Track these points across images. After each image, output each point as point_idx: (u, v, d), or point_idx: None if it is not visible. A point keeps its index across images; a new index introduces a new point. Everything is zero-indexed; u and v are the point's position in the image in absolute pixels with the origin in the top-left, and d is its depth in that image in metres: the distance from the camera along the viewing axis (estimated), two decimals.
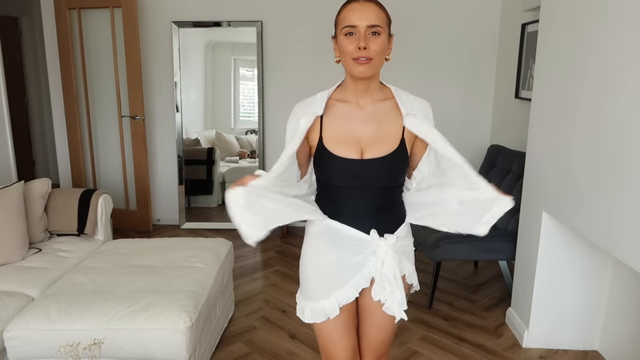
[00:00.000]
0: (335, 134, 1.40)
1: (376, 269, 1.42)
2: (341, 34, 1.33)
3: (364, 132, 1.39)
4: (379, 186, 1.42)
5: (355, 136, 1.39)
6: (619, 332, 2.39)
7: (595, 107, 1.97)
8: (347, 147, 1.38)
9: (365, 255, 1.43)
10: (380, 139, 1.39)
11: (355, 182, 1.41)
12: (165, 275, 2.30)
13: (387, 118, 1.41)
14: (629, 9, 1.74)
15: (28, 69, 5.67)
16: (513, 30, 3.64)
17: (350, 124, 1.40)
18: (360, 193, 1.42)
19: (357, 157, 1.38)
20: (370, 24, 1.30)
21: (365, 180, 1.40)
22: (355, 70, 1.33)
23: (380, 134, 1.39)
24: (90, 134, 4.28)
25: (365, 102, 1.41)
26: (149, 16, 4.18)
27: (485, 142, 4.13)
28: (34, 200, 2.73)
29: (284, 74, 4.22)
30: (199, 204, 4.71)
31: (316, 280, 1.49)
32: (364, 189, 1.42)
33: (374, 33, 1.31)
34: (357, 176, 1.40)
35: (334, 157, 1.39)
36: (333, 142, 1.39)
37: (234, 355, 2.49)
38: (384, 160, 1.38)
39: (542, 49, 2.46)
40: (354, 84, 1.39)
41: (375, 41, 1.31)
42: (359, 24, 1.30)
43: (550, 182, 2.35)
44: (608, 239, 1.88)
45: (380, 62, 1.35)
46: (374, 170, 1.39)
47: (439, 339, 2.66)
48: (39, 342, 1.96)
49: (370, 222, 1.43)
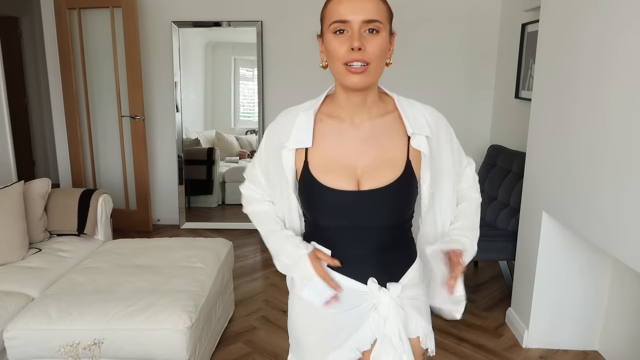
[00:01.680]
0: (324, 159, 1.10)
1: (377, 328, 1.13)
2: (329, 31, 1.03)
3: (361, 157, 1.09)
4: (381, 225, 1.13)
5: (350, 163, 1.09)
6: (619, 332, 2.39)
7: (595, 107, 1.97)
8: (339, 176, 1.09)
9: (364, 310, 1.14)
10: (382, 165, 1.09)
11: (350, 221, 1.11)
12: (165, 275, 2.30)
13: (389, 137, 1.11)
14: (629, 9, 1.74)
15: (28, 69, 5.67)
16: (513, 30, 3.64)
17: (343, 147, 1.10)
18: (357, 234, 1.12)
19: (352, 188, 1.08)
20: (367, 19, 1.00)
21: (363, 218, 1.10)
22: (347, 80, 1.03)
23: (381, 159, 1.09)
24: (90, 134, 4.28)
25: (361, 119, 1.11)
26: (149, 16, 4.18)
27: (485, 142, 4.13)
28: (34, 200, 2.73)
29: (284, 74, 4.22)
30: (199, 204, 4.71)
31: (307, 341, 1.23)
32: (363, 229, 1.12)
33: (371, 30, 1.01)
34: (352, 213, 1.10)
35: (322, 189, 1.09)
36: (321, 170, 1.09)
37: (234, 355, 2.49)
38: (387, 190, 1.08)
39: (542, 49, 2.46)
40: (346, 97, 1.09)
41: (374, 41, 1.01)
42: (352, 19, 1.00)
43: (550, 182, 2.35)
44: (608, 239, 1.88)
45: (379, 69, 1.05)
46: (374, 204, 1.09)
47: (439, 339, 2.66)
48: (39, 342, 1.96)
49: (370, 268, 1.14)
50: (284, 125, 1.15)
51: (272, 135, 1.19)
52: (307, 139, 1.10)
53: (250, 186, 1.30)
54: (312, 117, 1.12)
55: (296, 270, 1.16)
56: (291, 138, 1.11)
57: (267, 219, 1.26)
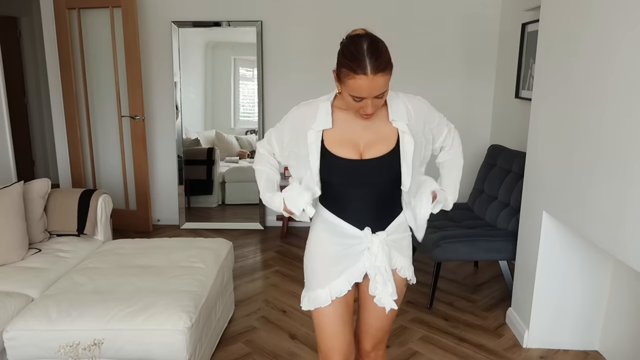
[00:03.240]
0: (336, 137, 1.48)
1: (370, 264, 1.52)
2: (346, 91, 1.37)
3: (363, 137, 1.48)
4: (376, 183, 1.51)
5: (355, 140, 1.48)
6: (619, 332, 2.39)
7: (595, 107, 1.97)
8: (347, 149, 1.47)
9: (360, 250, 1.54)
10: (378, 141, 1.48)
11: (354, 180, 1.49)
12: (165, 276, 2.30)
13: (384, 122, 1.49)
14: (629, 9, 1.74)
15: (28, 69, 5.67)
16: (513, 30, 3.64)
17: (350, 129, 1.48)
18: (359, 190, 1.51)
19: (356, 157, 1.47)
20: (377, 94, 1.34)
21: (363, 177, 1.49)
22: (358, 117, 1.44)
23: (378, 137, 1.48)
24: (90, 134, 4.27)
25: None
26: (148, 16, 4.17)
27: (485, 142, 4.13)
28: (34, 201, 2.73)
29: (284, 74, 4.21)
30: (199, 204, 4.71)
31: (315, 269, 1.59)
32: (363, 187, 1.51)
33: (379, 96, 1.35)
34: (356, 175, 1.49)
35: (334, 158, 1.47)
36: (334, 144, 1.48)
37: (234, 355, 2.48)
38: (381, 159, 1.47)
39: (542, 49, 2.46)
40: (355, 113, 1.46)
41: (380, 100, 1.37)
42: (367, 95, 1.33)
43: (550, 182, 2.35)
44: (608, 238, 1.88)
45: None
46: (371, 168, 1.47)
47: (440, 339, 2.66)
48: (39, 342, 1.95)
49: (367, 219, 1.53)
50: (308, 113, 1.50)
51: (297, 119, 1.53)
52: (328, 122, 1.48)
53: (266, 146, 1.64)
54: (329, 107, 1.49)
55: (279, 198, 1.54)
56: (317, 122, 1.47)
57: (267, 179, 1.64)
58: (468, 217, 3.32)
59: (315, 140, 1.48)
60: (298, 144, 1.52)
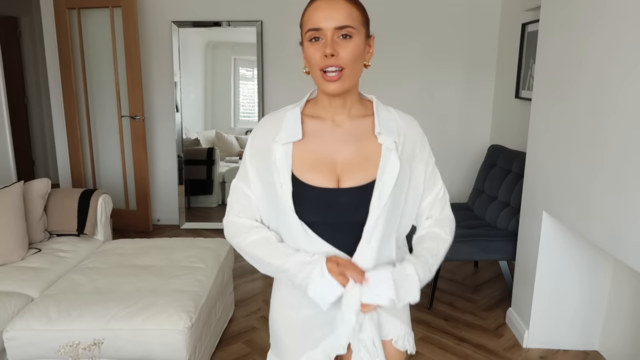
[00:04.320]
0: (306, 155, 1.13)
1: (352, 334, 1.12)
2: (305, 39, 1.08)
3: (341, 154, 1.13)
4: (361, 221, 1.11)
5: (330, 160, 1.13)
6: (619, 332, 2.39)
7: (595, 107, 1.97)
8: (319, 174, 1.11)
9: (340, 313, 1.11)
10: (361, 164, 1.12)
11: (329, 218, 1.12)
12: (165, 276, 2.30)
13: (368, 138, 1.15)
14: (629, 9, 1.74)
15: (28, 69, 5.67)
16: (513, 30, 3.64)
17: (324, 145, 1.14)
18: (336, 232, 1.12)
19: (332, 185, 1.11)
20: (339, 25, 1.05)
21: (342, 215, 1.11)
22: (324, 87, 1.09)
23: (360, 158, 1.13)
24: (90, 134, 4.27)
25: (342, 118, 1.16)
26: (148, 16, 4.17)
27: (485, 142, 4.13)
28: (34, 201, 2.73)
29: (284, 74, 4.21)
30: (199, 204, 4.70)
31: (284, 338, 1.23)
32: (341, 227, 1.12)
33: (344, 36, 1.06)
34: (331, 210, 1.11)
35: (303, 186, 1.11)
36: (302, 167, 1.12)
37: (234, 355, 2.49)
38: (365, 189, 1.10)
39: (542, 49, 2.46)
40: (328, 99, 1.14)
41: (347, 46, 1.05)
42: (325, 26, 1.05)
43: (550, 182, 2.35)
44: (608, 239, 1.88)
45: (355, 72, 1.10)
46: (352, 202, 1.11)
47: (439, 339, 2.66)
48: (39, 342, 1.95)
49: None
50: (271, 127, 1.17)
51: (259, 139, 1.18)
52: (297, 132, 1.13)
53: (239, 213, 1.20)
54: (299, 114, 1.16)
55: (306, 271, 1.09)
56: (282, 133, 1.14)
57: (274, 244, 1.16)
58: (468, 217, 3.32)
59: (285, 157, 1.12)
60: (269, 170, 1.14)
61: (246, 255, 1.19)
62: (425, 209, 1.23)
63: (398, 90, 4.03)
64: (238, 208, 1.20)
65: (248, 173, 1.18)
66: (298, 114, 1.16)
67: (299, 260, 1.10)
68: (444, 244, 1.24)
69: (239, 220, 1.20)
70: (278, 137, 1.13)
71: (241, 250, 1.19)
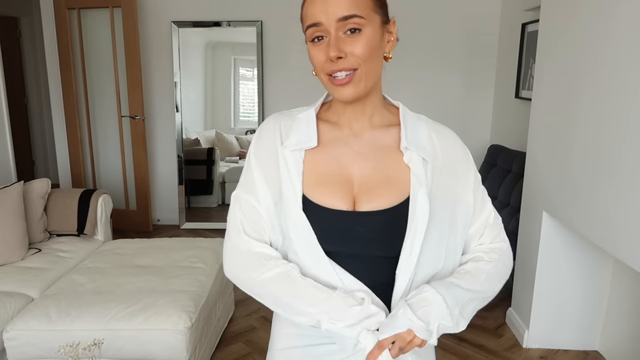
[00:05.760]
0: (316, 170, 0.91)
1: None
2: (307, 38, 0.87)
3: (359, 170, 0.91)
4: (376, 255, 0.90)
5: (345, 176, 0.91)
6: (619, 332, 2.39)
7: (595, 107, 1.97)
8: (331, 193, 0.90)
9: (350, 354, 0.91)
10: (382, 184, 0.90)
11: (341, 245, 0.89)
12: (165, 276, 2.30)
13: (393, 152, 0.92)
14: (630, 8, 1.74)
15: (28, 69, 5.67)
16: (513, 30, 3.64)
17: (339, 158, 0.92)
18: (349, 264, 0.89)
19: (347, 208, 0.89)
20: (342, 16, 0.82)
21: (357, 245, 0.89)
22: (336, 94, 0.87)
23: (382, 177, 0.91)
24: (90, 134, 4.27)
25: (362, 127, 0.93)
26: (148, 16, 4.17)
27: (485, 142, 4.12)
28: (34, 201, 2.73)
29: (284, 74, 4.21)
30: (199, 204, 4.70)
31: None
32: (357, 259, 0.90)
33: (352, 30, 0.83)
34: (344, 238, 0.89)
35: (311, 206, 0.89)
36: (311, 183, 0.90)
37: (234, 355, 2.48)
38: (387, 214, 0.88)
39: (542, 49, 2.46)
40: (343, 105, 0.92)
41: (356, 42, 0.83)
42: (325, 19, 0.82)
43: (550, 182, 2.35)
44: (608, 238, 1.88)
45: (373, 70, 0.87)
46: (371, 229, 0.89)
47: (439, 339, 2.64)
48: (39, 342, 1.96)
49: None
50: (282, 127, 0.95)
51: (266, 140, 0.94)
52: (311, 139, 0.91)
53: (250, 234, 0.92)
54: (314, 116, 0.94)
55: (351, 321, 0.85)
56: (291, 137, 0.92)
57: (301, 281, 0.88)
58: None
59: (295, 165, 0.90)
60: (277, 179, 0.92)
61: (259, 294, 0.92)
62: (473, 237, 0.98)
63: (398, 90, 4.01)
64: (245, 227, 0.93)
65: (254, 181, 0.93)
66: (313, 116, 0.94)
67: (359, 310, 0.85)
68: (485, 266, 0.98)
69: (252, 247, 0.91)
70: (287, 141, 0.92)
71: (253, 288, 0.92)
